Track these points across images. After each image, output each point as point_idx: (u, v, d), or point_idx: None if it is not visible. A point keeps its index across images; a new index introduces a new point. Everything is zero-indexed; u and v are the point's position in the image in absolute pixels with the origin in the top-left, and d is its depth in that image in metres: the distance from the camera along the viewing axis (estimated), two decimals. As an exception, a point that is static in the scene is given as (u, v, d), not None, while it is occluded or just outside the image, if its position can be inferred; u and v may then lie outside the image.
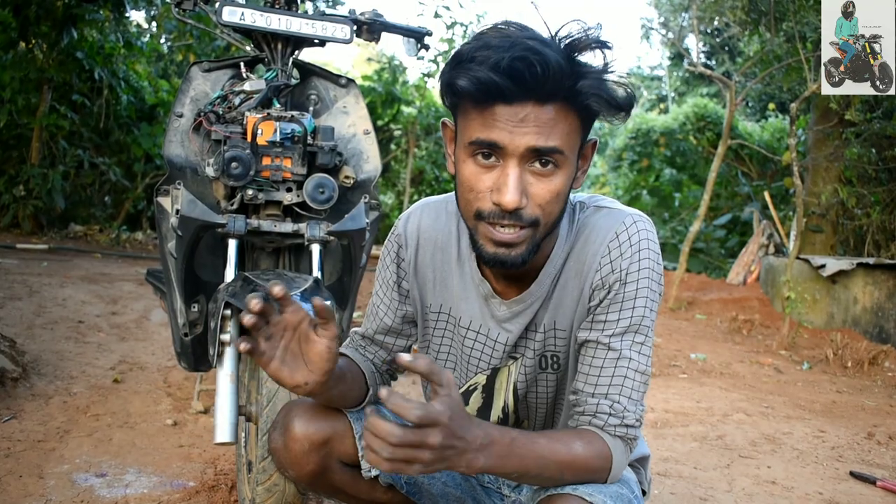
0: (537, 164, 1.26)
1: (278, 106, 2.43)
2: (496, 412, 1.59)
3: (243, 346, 1.15)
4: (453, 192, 1.61)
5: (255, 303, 1.14)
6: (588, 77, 1.23)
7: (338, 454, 1.52)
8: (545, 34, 1.24)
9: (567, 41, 1.23)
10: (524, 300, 1.46)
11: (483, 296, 1.50)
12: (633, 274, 1.37)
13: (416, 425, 1.09)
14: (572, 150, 1.29)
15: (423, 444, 1.10)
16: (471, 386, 1.59)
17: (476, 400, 1.60)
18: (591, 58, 1.24)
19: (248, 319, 1.15)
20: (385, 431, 1.08)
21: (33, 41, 9.04)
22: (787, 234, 9.35)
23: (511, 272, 1.43)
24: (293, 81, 2.61)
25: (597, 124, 1.37)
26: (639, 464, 1.64)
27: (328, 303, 1.16)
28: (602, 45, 1.23)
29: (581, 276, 1.42)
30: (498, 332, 1.50)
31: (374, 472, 1.56)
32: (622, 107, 1.27)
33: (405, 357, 1.12)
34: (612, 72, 1.24)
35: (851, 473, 3.16)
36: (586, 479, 1.31)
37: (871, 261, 6.84)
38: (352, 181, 2.50)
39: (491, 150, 1.26)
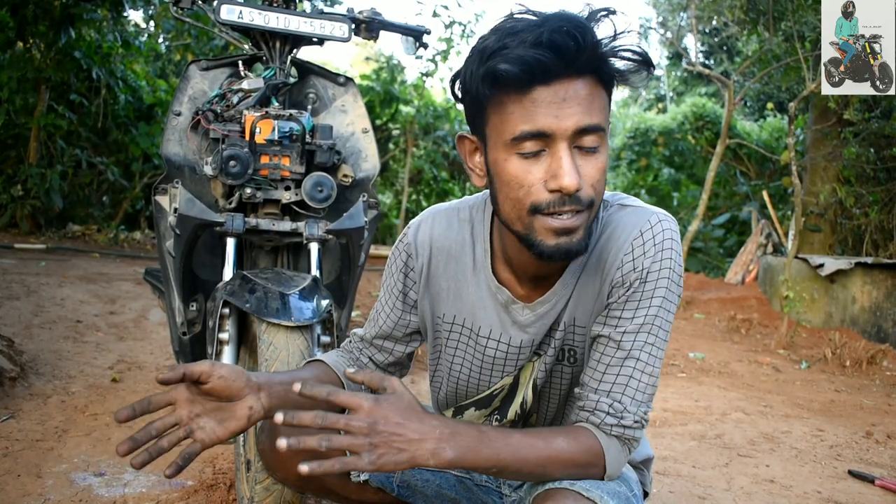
0: (582, 145, 1.25)
1: (276, 104, 2.43)
2: (514, 408, 1.58)
3: (168, 472, 1.21)
4: (464, 199, 1.59)
5: (123, 449, 1.17)
6: (610, 43, 1.23)
7: (325, 456, 1.51)
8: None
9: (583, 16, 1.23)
10: (548, 300, 1.44)
11: (502, 303, 1.48)
12: (653, 273, 1.34)
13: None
14: (608, 126, 1.29)
15: (349, 426, 1.13)
16: (496, 390, 1.58)
17: (500, 397, 1.59)
18: (599, 30, 1.24)
19: (137, 462, 1.18)
20: (308, 417, 1.12)
21: (31, 41, 9.01)
22: (786, 234, 9.35)
23: (540, 272, 1.42)
24: (291, 80, 2.61)
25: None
26: (642, 465, 1.63)
27: (171, 373, 1.18)
28: (610, 12, 1.23)
29: (602, 273, 1.40)
30: (521, 338, 1.48)
31: (363, 476, 1.56)
32: (648, 61, 1.26)
33: (349, 370, 1.20)
34: (629, 32, 1.24)
35: (850, 472, 3.16)
36: (578, 475, 1.31)
37: (869, 260, 6.84)
38: (350, 180, 2.50)
39: (537, 140, 1.23)
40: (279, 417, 1.12)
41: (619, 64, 1.24)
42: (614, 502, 1.29)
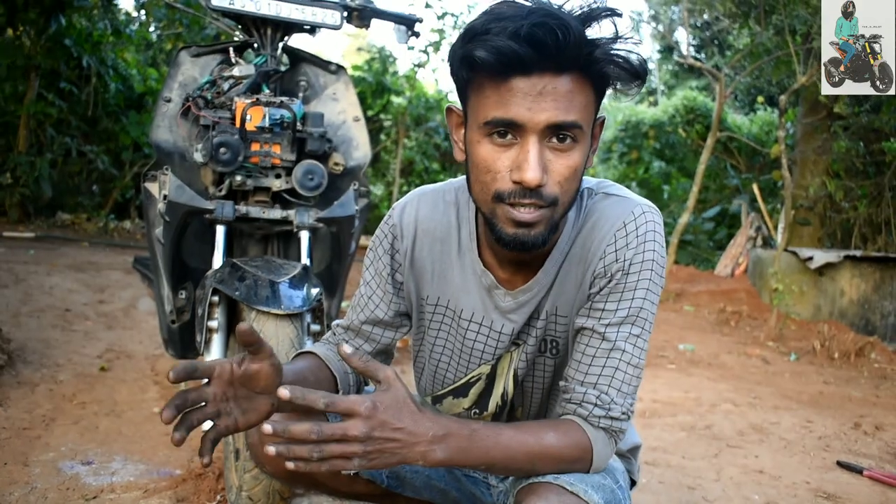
0: (555, 140, 1.22)
1: (267, 91, 2.42)
2: (495, 399, 1.56)
3: (206, 461, 1.14)
4: (449, 182, 1.56)
5: (167, 415, 1.09)
6: (603, 45, 1.20)
7: None
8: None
9: (578, 11, 1.20)
10: (530, 289, 1.43)
11: (485, 287, 1.46)
12: (636, 265, 1.33)
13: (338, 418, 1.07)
14: (589, 125, 1.26)
15: (346, 436, 1.09)
16: (473, 377, 1.56)
17: (478, 387, 1.58)
18: (599, 29, 1.21)
19: (177, 437, 1.11)
20: (303, 431, 1.07)
21: (21, 28, 8.94)
22: (775, 227, 9.37)
23: (520, 258, 1.40)
24: (283, 67, 2.59)
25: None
26: (630, 454, 1.62)
27: (245, 326, 1.13)
28: (612, 13, 1.21)
29: (584, 263, 1.39)
30: (502, 324, 1.47)
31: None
32: (639, 73, 1.24)
33: (346, 348, 1.12)
34: (626, 39, 1.21)
35: (838, 463, 3.18)
36: (565, 469, 1.29)
37: (857, 253, 6.87)
38: (341, 168, 2.49)
39: (508, 129, 1.22)
40: (268, 428, 1.08)
41: (607, 68, 1.22)
42: (599, 496, 1.27)
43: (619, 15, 1.21)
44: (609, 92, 1.32)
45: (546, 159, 1.23)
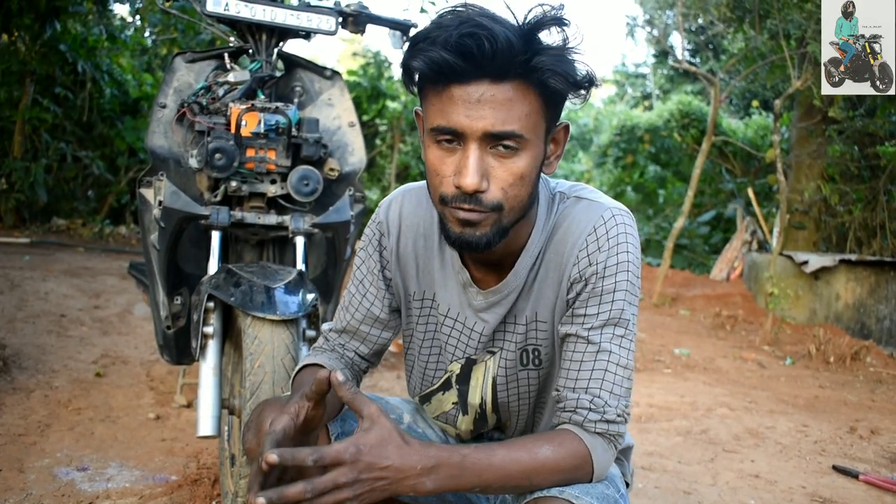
0: (499, 147, 1.24)
1: (263, 97, 2.42)
2: (473, 409, 1.57)
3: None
4: None
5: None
6: (545, 53, 1.20)
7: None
8: (509, 18, 1.22)
9: (525, 21, 1.21)
10: (500, 291, 1.44)
11: (462, 284, 1.48)
12: (611, 268, 1.35)
13: (322, 470, 1.09)
14: (534, 132, 1.26)
15: (336, 484, 1.10)
16: (447, 375, 1.58)
17: (452, 395, 1.58)
18: (551, 38, 1.22)
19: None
20: (297, 493, 1.07)
21: (16, 33, 8.93)
22: (771, 231, 9.39)
23: (487, 259, 1.42)
24: (278, 73, 2.59)
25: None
26: (622, 455, 1.62)
27: (341, 379, 1.17)
28: (559, 22, 1.21)
29: (560, 269, 1.40)
30: (475, 322, 1.48)
31: None
32: (580, 84, 1.25)
33: (339, 376, 1.14)
34: (570, 48, 1.22)
35: (834, 467, 3.18)
36: (565, 481, 1.29)
37: (853, 257, 6.89)
38: (336, 173, 2.49)
39: (451, 135, 1.24)
40: (262, 501, 1.06)
41: (548, 78, 1.22)
42: None
43: (566, 24, 1.21)
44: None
45: (489, 165, 1.25)
